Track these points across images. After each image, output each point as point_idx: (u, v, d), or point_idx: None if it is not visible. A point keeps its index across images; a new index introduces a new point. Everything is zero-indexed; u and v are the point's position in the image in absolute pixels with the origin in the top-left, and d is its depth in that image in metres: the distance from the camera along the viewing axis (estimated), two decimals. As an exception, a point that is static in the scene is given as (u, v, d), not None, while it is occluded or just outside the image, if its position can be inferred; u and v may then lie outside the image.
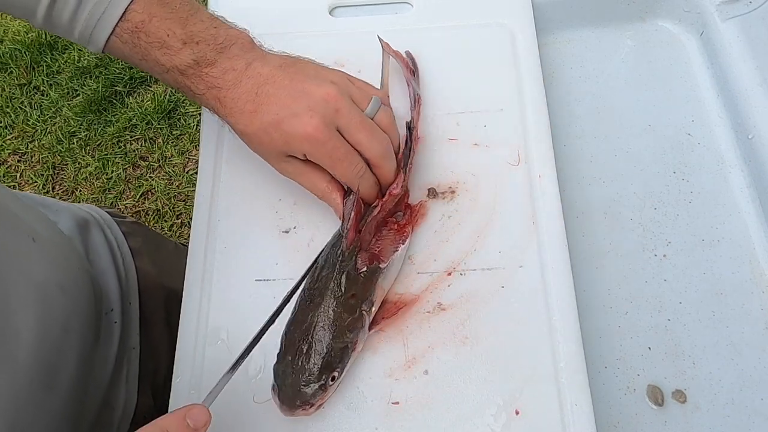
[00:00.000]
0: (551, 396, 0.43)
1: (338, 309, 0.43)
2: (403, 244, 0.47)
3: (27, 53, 1.71)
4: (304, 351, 0.41)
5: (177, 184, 1.54)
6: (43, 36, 1.72)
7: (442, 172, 0.52)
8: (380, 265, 0.45)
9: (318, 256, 0.46)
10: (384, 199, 0.47)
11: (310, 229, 0.50)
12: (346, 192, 0.47)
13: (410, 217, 0.49)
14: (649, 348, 0.50)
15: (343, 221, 0.46)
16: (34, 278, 0.44)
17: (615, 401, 0.48)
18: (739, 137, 0.57)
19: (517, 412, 0.43)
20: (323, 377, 0.41)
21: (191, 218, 0.51)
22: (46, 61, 1.70)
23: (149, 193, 1.54)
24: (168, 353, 0.48)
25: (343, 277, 0.44)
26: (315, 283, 0.44)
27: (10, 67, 1.70)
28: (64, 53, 1.72)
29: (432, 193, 0.51)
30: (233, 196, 0.52)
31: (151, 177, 1.55)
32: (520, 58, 0.57)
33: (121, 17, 0.43)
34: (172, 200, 1.52)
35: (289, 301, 0.44)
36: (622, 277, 0.52)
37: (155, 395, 0.59)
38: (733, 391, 0.48)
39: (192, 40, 0.44)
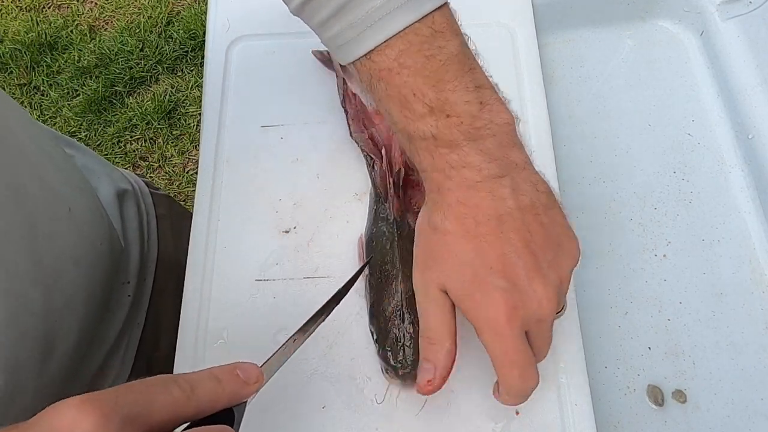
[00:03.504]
0: (551, 396, 0.43)
1: None
2: None
3: (27, 53, 1.71)
4: (404, 323, 0.42)
5: (177, 184, 1.54)
6: (43, 36, 1.72)
7: (442, 172, 0.52)
8: None
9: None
10: (403, 162, 0.48)
11: (310, 229, 0.50)
12: (367, 160, 0.48)
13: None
14: (649, 348, 0.50)
15: (381, 189, 0.47)
16: (58, 249, 0.42)
17: (615, 401, 0.48)
18: (739, 137, 0.57)
19: (517, 413, 0.43)
20: None
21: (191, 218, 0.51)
22: (46, 61, 1.70)
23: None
24: (172, 331, 0.49)
25: (406, 240, 0.44)
26: (380, 258, 0.45)
27: (10, 67, 1.70)
28: (64, 53, 1.72)
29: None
30: (233, 196, 0.52)
31: (151, 177, 1.55)
32: (520, 58, 0.57)
33: (366, 55, 0.35)
34: (172, 200, 1.51)
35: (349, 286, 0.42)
36: (622, 277, 0.52)
37: (151, 370, 0.60)
38: (733, 391, 0.48)
39: (442, 110, 0.34)
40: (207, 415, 0.28)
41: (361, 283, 0.47)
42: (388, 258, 0.45)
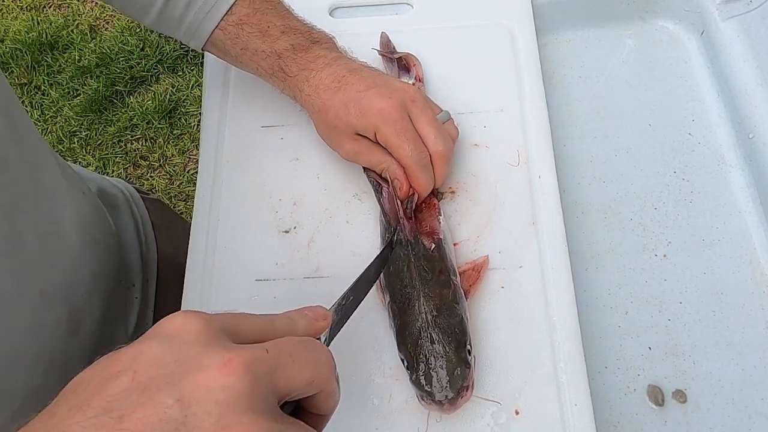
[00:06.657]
0: (551, 396, 0.43)
1: (436, 290, 0.43)
2: (440, 215, 0.49)
3: (27, 53, 1.71)
4: (434, 343, 0.41)
5: (177, 183, 1.54)
6: (44, 35, 1.72)
7: (442, 172, 0.52)
8: (440, 237, 0.47)
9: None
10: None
11: (310, 229, 0.50)
12: (375, 187, 0.49)
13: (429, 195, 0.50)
14: (649, 348, 0.50)
15: (391, 215, 0.48)
16: (80, 227, 0.48)
17: (615, 401, 0.48)
18: (739, 137, 0.57)
19: (517, 412, 0.43)
20: (462, 355, 0.41)
21: (191, 218, 0.51)
22: (46, 61, 1.70)
23: (150, 192, 1.54)
24: None
25: (422, 260, 0.45)
26: (399, 282, 0.44)
27: (10, 67, 1.70)
28: (64, 53, 1.72)
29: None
30: (233, 196, 0.52)
31: (151, 177, 1.55)
32: (520, 58, 0.57)
33: (228, 11, 0.49)
34: (173, 200, 1.51)
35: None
36: (622, 277, 0.52)
37: None
38: (733, 391, 0.48)
39: (290, 30, 0.50)
40: None
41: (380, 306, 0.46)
42: (407, 281, 0.44)
